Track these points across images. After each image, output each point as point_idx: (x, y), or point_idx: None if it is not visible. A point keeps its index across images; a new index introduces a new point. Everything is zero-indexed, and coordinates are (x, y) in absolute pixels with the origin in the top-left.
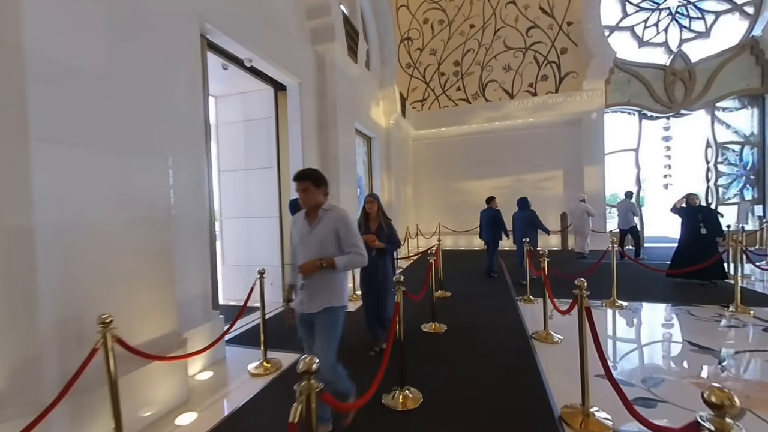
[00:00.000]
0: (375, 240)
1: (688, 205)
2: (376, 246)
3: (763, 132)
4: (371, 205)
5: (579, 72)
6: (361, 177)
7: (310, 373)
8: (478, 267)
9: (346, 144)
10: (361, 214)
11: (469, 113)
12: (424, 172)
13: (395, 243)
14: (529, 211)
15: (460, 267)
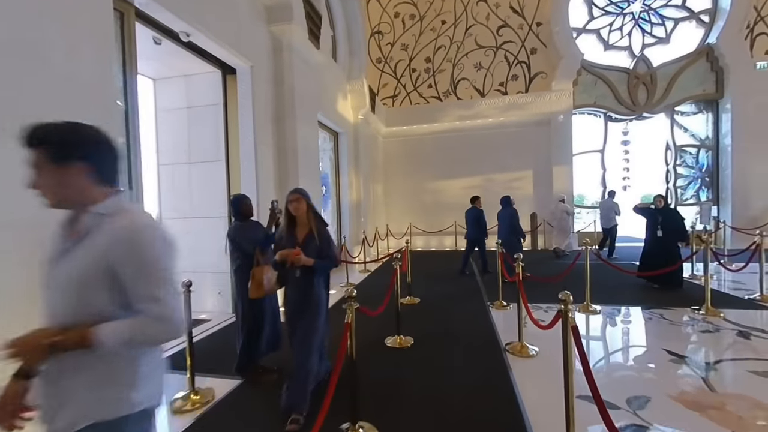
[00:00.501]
0: (299, 254)
1: (650, 207)
2: (300, 263)
3: (717, 136)
4: (297, 205)
5: (548, 73)
6: (327, 174)
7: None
8: (449, 269)
9: (307, 136)
10: (285, 218)
11: (440, 111)
12: (395, 171)
13: (329, 259)
14: (511, 209)
15: (430, 269)
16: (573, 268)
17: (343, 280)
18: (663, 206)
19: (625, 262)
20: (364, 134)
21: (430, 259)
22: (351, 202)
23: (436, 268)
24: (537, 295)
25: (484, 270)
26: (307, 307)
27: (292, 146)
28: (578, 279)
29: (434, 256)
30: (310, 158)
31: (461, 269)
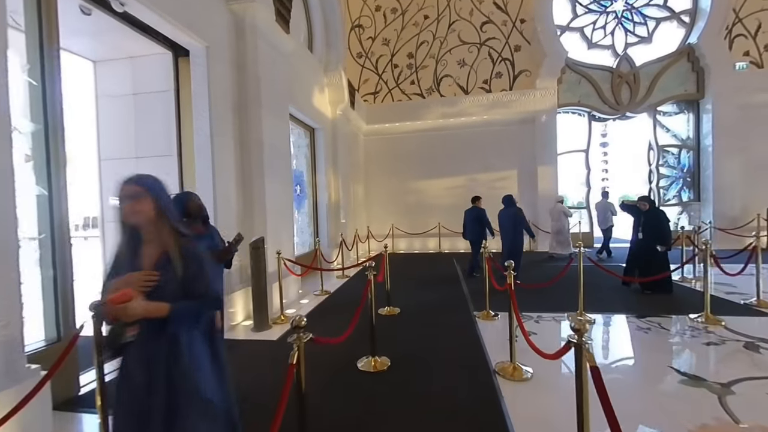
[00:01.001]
0: (130, 299)
1: (635, 208)
2: (137, 314)
3: (698, 136)
4: (134, 205)
5: (532, 71)
6: (303, 173)
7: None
8: (432, 273)
9: (276, 130)
10: (120, 231)
11: (423, 108)
12: (377, 170)
13: (203, 300)
14: (514, 209)
15: (412, 274)
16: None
17: (317, 288)
18: (648, 209)
19: (620, 264)
20: (343, 131)
21: (413, 263)
22: (329, 203)
23: (418, 273)
24: (528, 302)
25: (470, 272)
26: (173, 388)
27: (257, 139)
28: (571, 283)
29: (417, 259)
30: (279, 154)
31: (469, 271)
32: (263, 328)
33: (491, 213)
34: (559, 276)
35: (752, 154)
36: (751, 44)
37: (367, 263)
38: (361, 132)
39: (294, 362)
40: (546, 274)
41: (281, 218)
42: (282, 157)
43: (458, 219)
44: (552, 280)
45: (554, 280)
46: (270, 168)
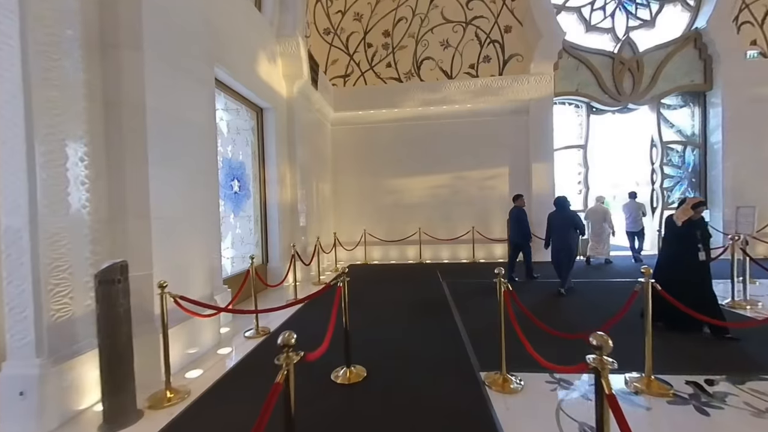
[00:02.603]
0: None
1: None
2: None
3: (705, 132)
4: None
5: (524, 55)
6: (244, 165)
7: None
8: (413, 295)
9: (182, 92)
10: None
11: (401, 94)
12: (347, 165)
13: None
14: (569, 212)
15: (387, 296)
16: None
17: (250, 325)
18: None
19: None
20: (303, 115)
21: (389, 278)
22: (283, 204)
23: (395, 295)
24: (566, 349)
25: (528, 276)
26: None
27: (134, 102)
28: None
29: (394, 272)
30: (192, 133)
31: (509, 276)
32: (125, 420)
33: (479, 217)
34: (621, 313)
35: (766, 152)
36: (758, 32)
37: (340, 277)
38: (327, 120)
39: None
40: (587, 309)
41: (190, 228)
42: (199, 138)
43: (442, 223)
44: (611, 321)
45: (615, 320)
46: (163, 149)
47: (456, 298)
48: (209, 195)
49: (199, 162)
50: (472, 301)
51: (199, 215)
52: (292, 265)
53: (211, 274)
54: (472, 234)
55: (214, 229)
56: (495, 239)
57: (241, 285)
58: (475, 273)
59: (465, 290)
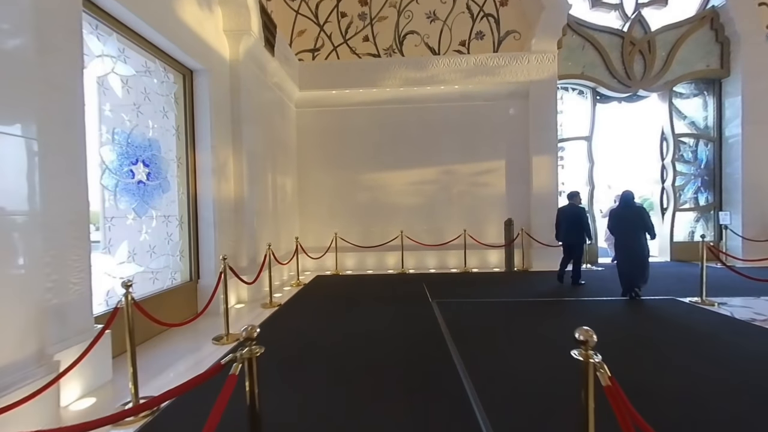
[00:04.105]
0: None
1: None
2: None
3: (720, 125)
4: None
5: (522, 33)
6: (159, 145)
7: None
8: (394, 323)
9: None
10: None
11: (381, 71)
12: (315, 156)
13: None
14: (638, 208)
15: (355, 327)
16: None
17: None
18: None
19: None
20: (255, 88)
21: (361, 297)
22: (222, 201)
23: (366, 325)
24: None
25: (575, 282)
26: None
27: None
28: None
29: (370, 286)
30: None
31: (558, 278)
32: None
33: (471, 219)
34: None
35: None
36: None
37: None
38: (291, 101)
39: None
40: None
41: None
42: (40, 86)
43: (428, 225)
44: None
45: None
46: None
47: (457, 336)
48: (64, 182)
49: (43, 125)
50: (482, 342)
51: (38, 213)
52: (220, 283)
53: (59, 311)
54: (464, 238)
55: (75, 235)
56: (489, 245)
57: (106, 324)
58: (472, 288)
59: (466, 319)
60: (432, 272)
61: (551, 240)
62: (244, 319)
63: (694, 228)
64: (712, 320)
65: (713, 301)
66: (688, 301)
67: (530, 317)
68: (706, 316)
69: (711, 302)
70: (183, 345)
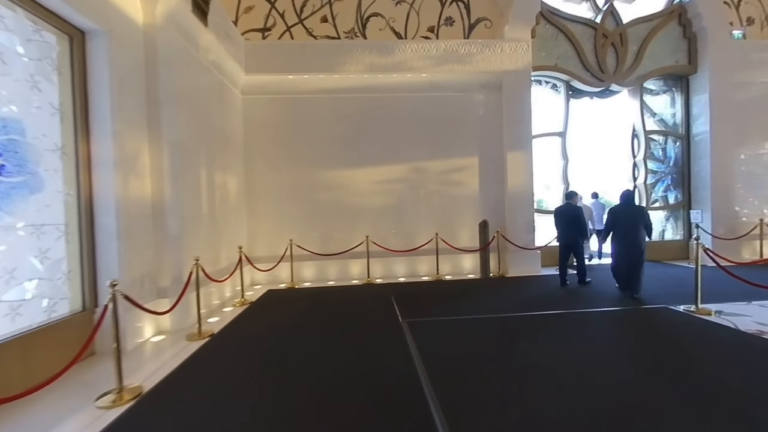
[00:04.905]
0: None
1: None
2: None
3: (688, 122)
4: None
5: (493, 21)
6: (23, 127)
7: None
8: (349, 370)
9: None
10: None
11: (341, 54)
12: (266, 151)
13: None
14: (639, 208)
15: (302, 375)
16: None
17: None
18: None
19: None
20: (177, 59)
21: (317, 320)
22: (130, 203)
23: (316, 369)
24: None
25: (581, 281)
26: None
27: None
28: None
29: (329, 303)
30: None
31: (561, 281)
32: None
33: (443, 221)
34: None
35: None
36: (734, 14)
37: None
38: (236, 86)
39: None
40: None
41: None
42: None
43: (397, 228)
44: None
45: None
46: None
47: (438, 381)
48: None
49: None
50: (474, 390)
51: None
52: (109, 313)
53: None
54: (436, 243)
55: None
56: (463, 249)
57: None
58: (447, 300)
59: (448, 348)
60: (401, 281)
61: (528, 242)
62: (154, 360)
63: (665, 227)
64: (721, 336)
65: (709, 309)
66: (683, 309)
67: (521, 340)
68: (710, 329)
69: (707, 310)
70: (51, 411)
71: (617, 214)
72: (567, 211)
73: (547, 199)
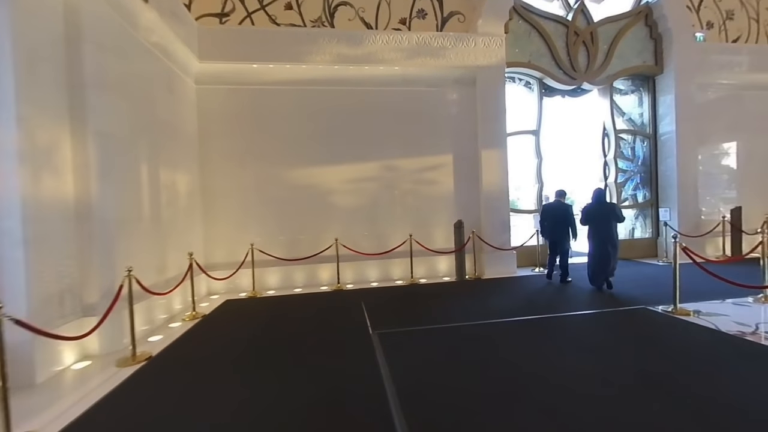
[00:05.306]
0: None
1: None
2: None
3: (655, 121)
4: None
5: (466, 15)
6: None
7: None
8: (304, 410)
9: None
10: None
11: (308, 43)
12: (224, 147)
13: None
14: (610, 204)
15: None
16: None
17: None
18: None
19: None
20: (109, 37)
21: (275, 339)
22: (44, 205)
23: (262, 427)
24: None
25: (563, 280)
26: None
27: None
28: None
29: (292, 317)
30: None
31: (548, 274)
32: None
33: (417, 222)
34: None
35: (711, 147)
36: (695, 18)
37: None
38: (188, 74)
39: None
40: None
41: None
42: None
43: (369, 230)
44: None
45: None
46: None
47: (411, 406)
48: None
49: None
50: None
51: None
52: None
53: None
54: (410, 244)
55: None
56: (438, 251)
57: None
58: (423, 306)
59: (421, 365)
60: (374, 286)
61: (503, 243)
62: (69, 395)
63: (635, 225)
64: (704, 339)
65: (687, 309)
66: (661, 310)
67: (500, 351)
68: (693, 333)
69: (686, 311)
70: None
71: (590, 213)
72: (557, 209)
73: (521, 199)
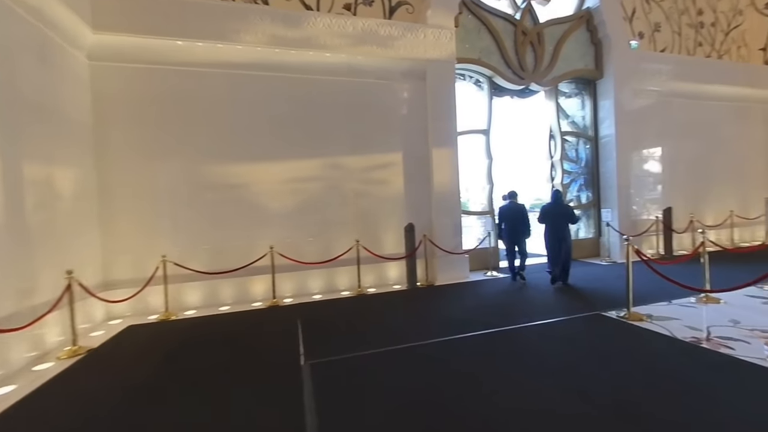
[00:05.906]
0: None
1: None
2: None
3: (596, 124)
4: None
5: (415, 6)
6: None
7: None
8: None
9: None
10: None
11: (235, 19)
12: (127, 137)
13: None
14: (566, 206)
15: None
16: None
17: None
18: None
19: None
20: None
21: (175, 384)
22: None
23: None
24: None
25: (521, 277)
26: None
27: None
28: None
29: (208, 344)
30: None
31: (512, 277)
32: None
33: (365, 226)
34: None
35: (643, 151)
36: (628, 28)
37: None
38: (76, 45)
39: None
40: None
41: None
42: None
43: (309, 237)
44: None
45: None
46: None
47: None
48: None
49: None
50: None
51: None
52: None
53: None
54: (357, 251)
55: None
56: (388, 257)
57: None
58: (368, 324)
59: (359, 408)
60: (316, 299)
61: (455, 246)
62: None
63: (579, 225)
64: (661, 348)
65: (640, 314)
66: (615, 315)
67: (455, 378)
68: (649, 342)
69: (638, 315)
70: None
71: (548, 212)
72: (514, 211)
73: (471, 200)
